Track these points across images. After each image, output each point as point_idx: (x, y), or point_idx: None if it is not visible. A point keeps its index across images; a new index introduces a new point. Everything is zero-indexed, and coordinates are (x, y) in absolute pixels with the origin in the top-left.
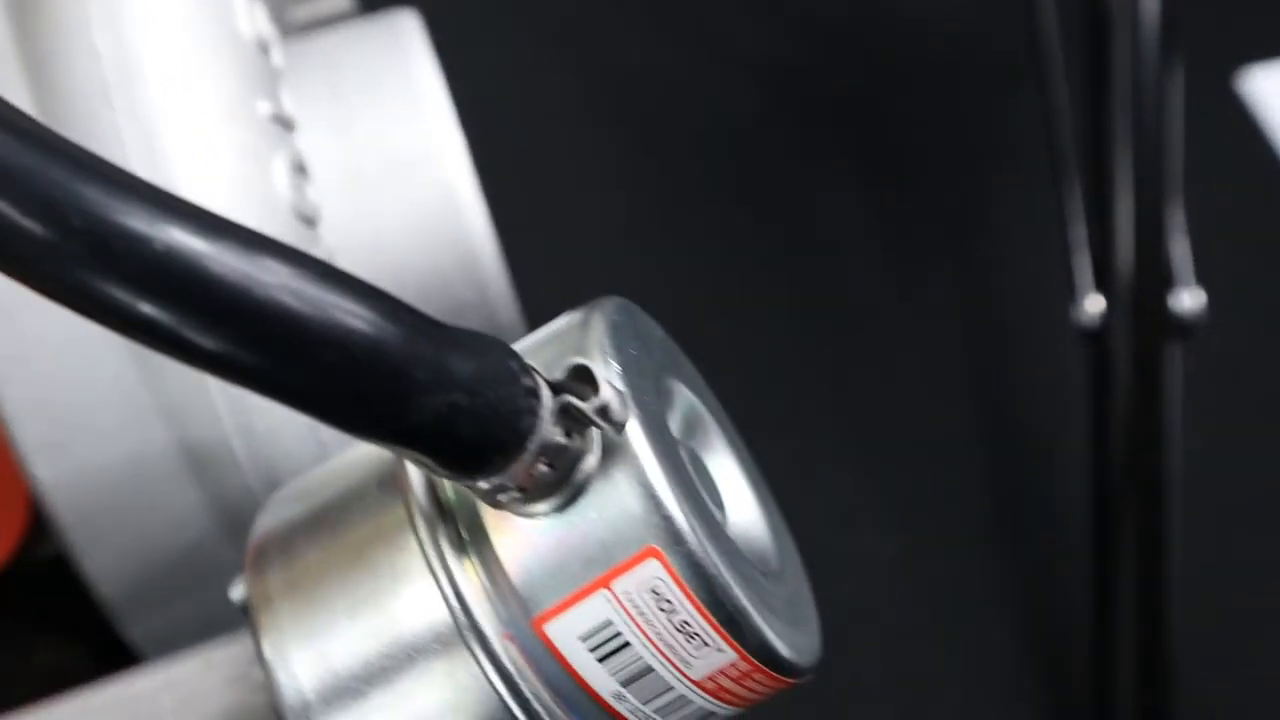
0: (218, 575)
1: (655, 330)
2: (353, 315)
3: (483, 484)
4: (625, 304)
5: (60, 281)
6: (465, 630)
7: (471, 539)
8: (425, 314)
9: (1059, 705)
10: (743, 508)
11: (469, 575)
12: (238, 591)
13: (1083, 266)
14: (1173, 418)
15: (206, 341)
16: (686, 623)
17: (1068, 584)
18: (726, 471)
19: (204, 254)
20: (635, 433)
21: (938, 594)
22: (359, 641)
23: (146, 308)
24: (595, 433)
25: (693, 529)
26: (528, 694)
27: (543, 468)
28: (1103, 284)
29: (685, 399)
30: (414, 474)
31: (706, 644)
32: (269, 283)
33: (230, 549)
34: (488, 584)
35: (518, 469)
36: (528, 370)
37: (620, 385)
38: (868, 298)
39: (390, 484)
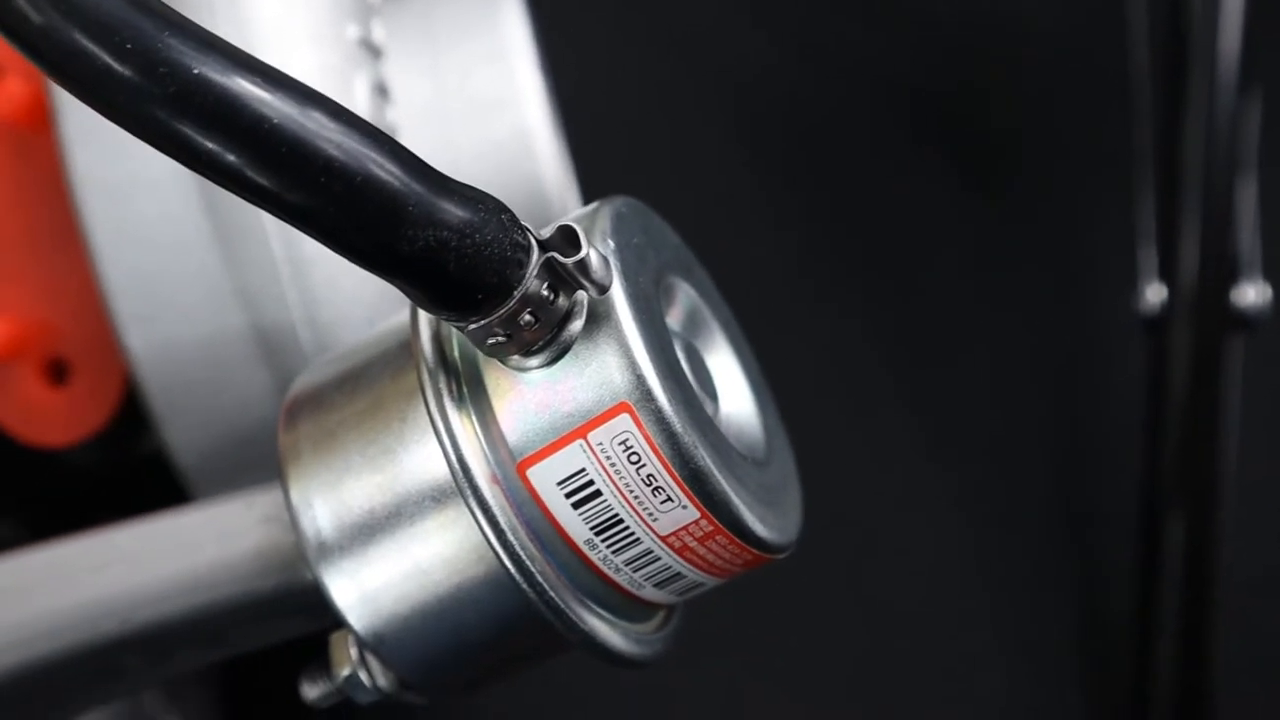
0: None
1: (669, 235)
2: (353, 148)
3: (472, 325)
4: (638, 204)
5: (140, 118)
6: (457, 473)
7: (470, 392)
8: (428, 164)
9: (1104, 692)
10: (737, 402)
11: (464, 424)
12: None
13: (1148, 256)
14: (1230, 410)
15: (239, 164)
16: (652, 476)
17: (1119, 575)
18: (726, 369)
19: (262, 100)
20: (619, 298)
21: (991, 578)
22: (371, 487)
23: (200, 139)
24: (583, 300)
25: (664, 388)
26: (510, 537)
27: (528, 317)
28: (1166, 274)
29: (690, 297)
30: (424, 334)
31: (671, 499)
32: (287, 115)
33: None
34: (480, 431)
35: (504, 315)
36: (519, 226)
37: (606, 253)
38: (943, 285)
39: (407, 346)
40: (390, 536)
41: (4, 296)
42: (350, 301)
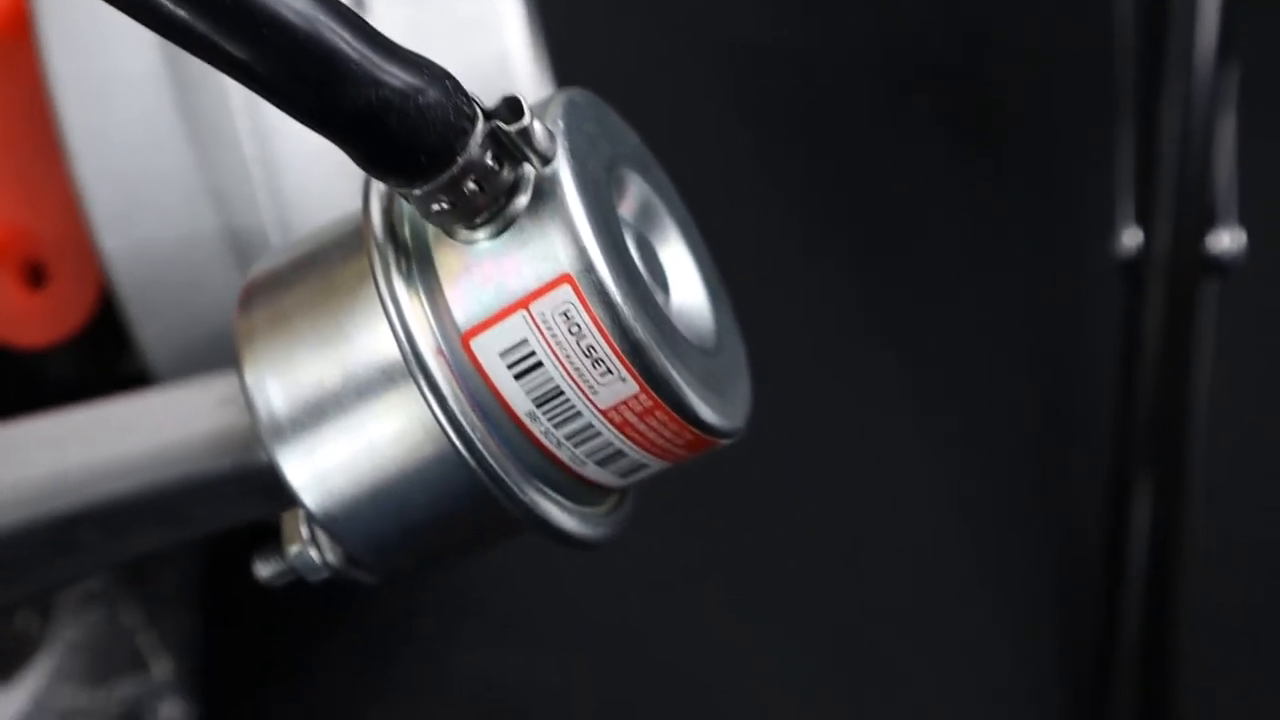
0: None
1: (627, 133)
2: (300, 6)
3: (416, 191)
4: (595, 97)
5: None
6: (403, 344)
7: (419, 269)
8: (376, 29)
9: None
10: (688, 295)
11: (411, 298)
12: None
13: (1126, 202)
14: (1203, 354)
15: (185, 15)
16: (593, 347)
17: (1094, 519)
18: (679, 264)
19: None
20: (564, 173)
21: (968, 521)
22: (323, 366)
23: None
24: (529, 175)
25: (605, 261)
26: (453, 405)
27: (473, 186)
28: (1143, 219)
29: (644, 192)
30: (375, 210)
31: (610, 371)
32: None
33: None
34: (427, 305)
35: (447, 180)
36: (463, 93)
37: (555, 131)
38: (929, 234)
39: (360, 228)
40: (342, 414)
41: None
42: (321, 207)
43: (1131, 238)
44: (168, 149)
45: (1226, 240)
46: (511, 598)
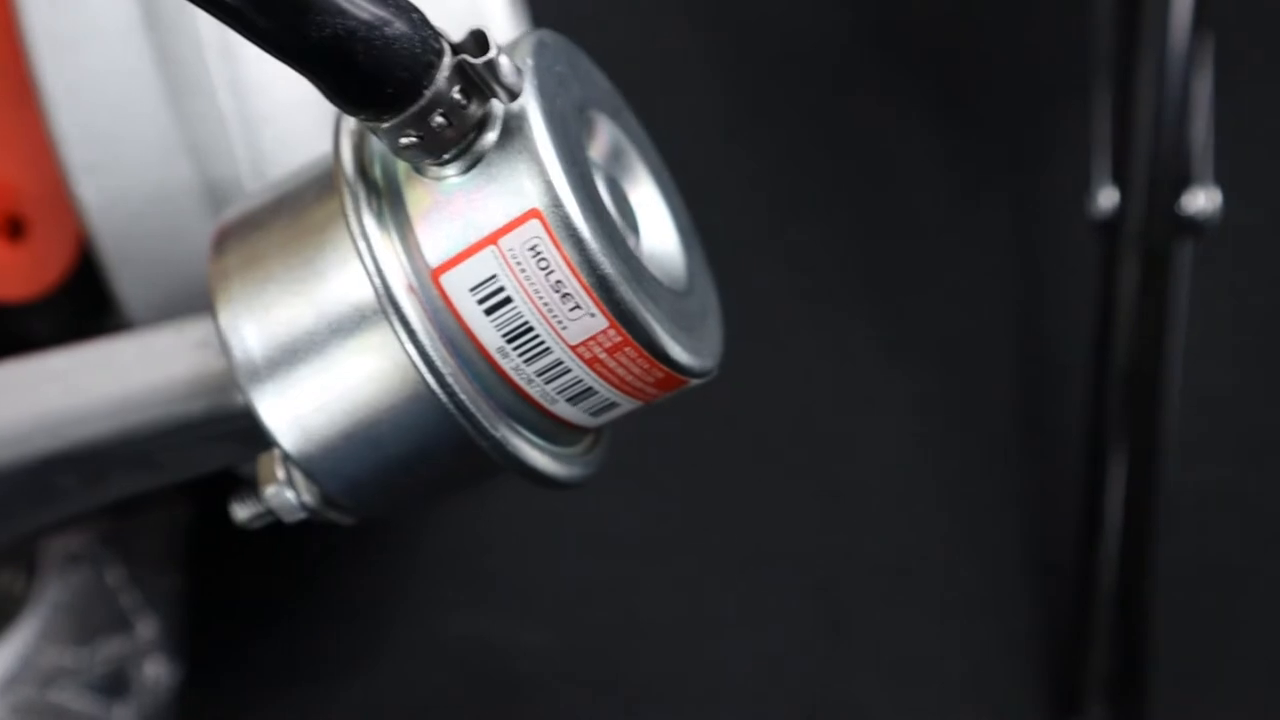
0: None
1: (599, 76)
2: None
3: (384, 124)
4: (567, 40)
5: None
6: (375, 282)
7: (390, 207)
8: None
9: (1050, 593)
10: (659, 237)
11: (382, 236)
12: None
13: (1102, 162)
14: (1178, 312)
15: None
16: (561, 282)
17: (1069, 477)
18: (650, 207)
19: None
20: (531, 109)
21: (945, 480)
22: (297, 306)
23: None
24: (498, 111)
25: (573, 196)
26: (424, 339)
27: (440, 119)
28: (1119, 178)
29: (615, 135)
30: (346, 149)
31: (579, 306)
32: None
33: None
34: (399, 242)
35: (414, 113)
36: (429, 26)
37: (523, 68)
38: (907, 197)
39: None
40: (316, 354)
41: None
42: (298, 159)
43: (1107, 198)
44: (144, 100)
45: (1202, 200)
46: (499, 561)
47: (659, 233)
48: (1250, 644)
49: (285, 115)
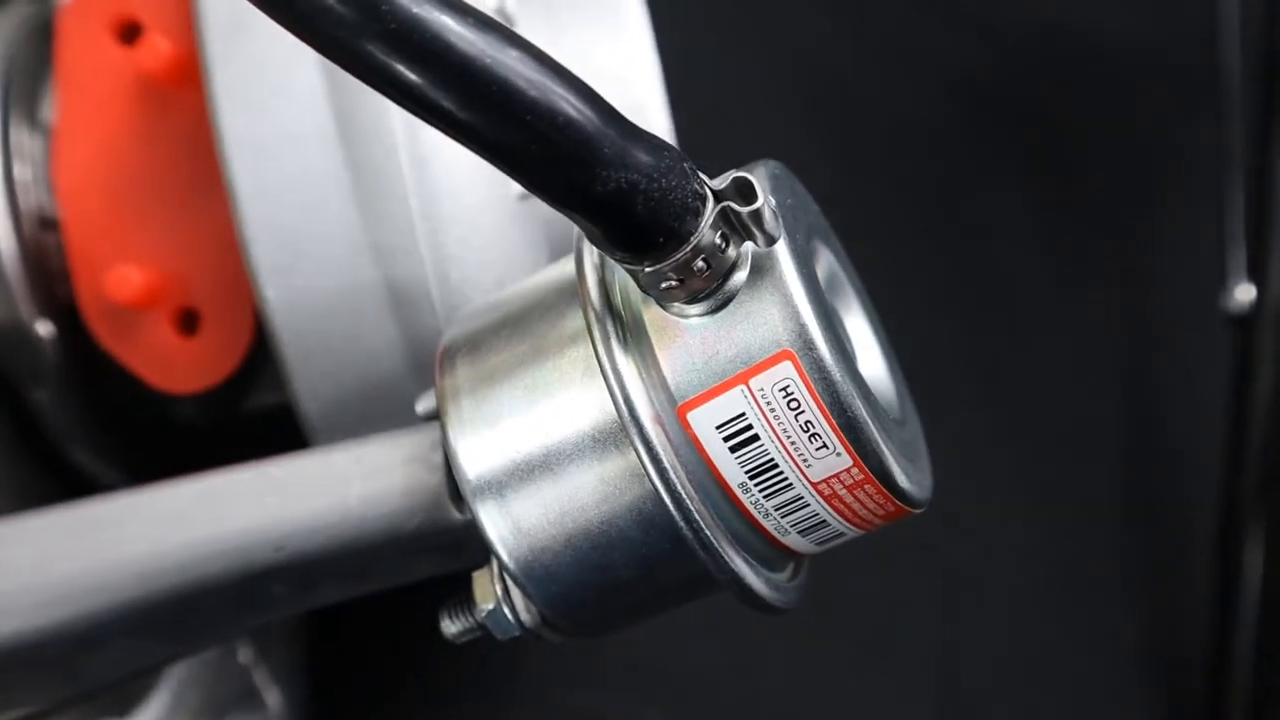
0: (403, 411)
1: (810, 200)
2: (558, 93)
3: (648, 269)
4: (784, 168)
5: (359, 55)
6: (623, 412)
7: (633, 337)
8: (618, 110)
9: (1173, 699)
10: (873, 362)
11: (629, 368)
12: (423, 405)
13: (1237, 255)
14: None
15: (447, 102)
16: (810, 423)
17: (1197, 575)
18: (860, 331)
19: (458, 34)
20: (782, 251)
21: (1063, 573)
22: (529, 426)
23: (411, 75)
24: (748, 251)
25: (825, 338)
26: (672, 475)
27: (701, 264)
28: (1255, 273)
29: (830, 262)
30: (591, 281)
31: (825, 445)
32: (498, 59)
33: (415, 386)
34: (644, 375)
35: (680, 260)
36: (697, 175)
37: (774, 205)
38: (1026, 287)
39: (570, 293)
40: (546, 474)
41: (141, 246)
42: (479, 264)
43: (1244, 292)
44: (332, 201)
45: None
46: (621, 638)
47: (872, 359)
48: None
49: (468, 218)
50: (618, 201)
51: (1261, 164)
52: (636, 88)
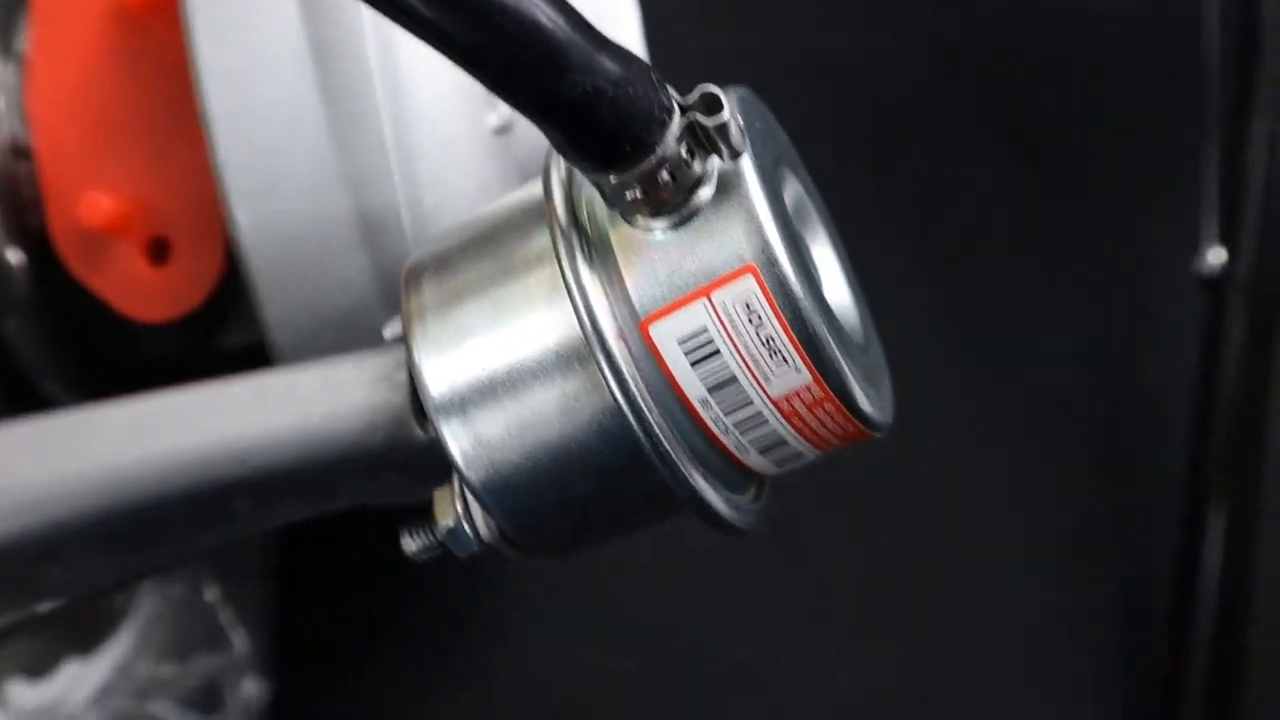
0: (374, 340)
1: (780, 131)
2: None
3: (611, 178)
4: (755, 95)
5: None
6: (586, 328)
7: (598, 253)
8: (589, 22)
9: (1140, 660)
10: (837, 289)
11: (593, 283)
12: (390, 330)
13: (1210, 219)
14: None
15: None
16: (771, 338)
17: (1165, 540)
18: (826, 260)
19: None
20: (748, 168)
21: (1039, 538)
22: (495, 344)
23: None
24: (714, 168)
25: (787, 254)
26: (633, 388)
27: (666, 176)
28: (1227, 238)
29: (797, 190)
30: (558, 196)
31: (786, 361)
32: None
33: (384, 315)
34: (608, 289)
35: (645, 170)
36: (665, 88)
37: (740, 122)
38: (999, 250)
39: (538, 212)
40: (509, 391)
41: (114, 173)
42: (453, 194)
43: (1215, 256)
44: (306, 129)
45: None
46: (582, 592)
47: (837, 287)
48: None
49: (443, 148)
50: (584, 106)
51: (1236, 131)
52: (618, 32)
